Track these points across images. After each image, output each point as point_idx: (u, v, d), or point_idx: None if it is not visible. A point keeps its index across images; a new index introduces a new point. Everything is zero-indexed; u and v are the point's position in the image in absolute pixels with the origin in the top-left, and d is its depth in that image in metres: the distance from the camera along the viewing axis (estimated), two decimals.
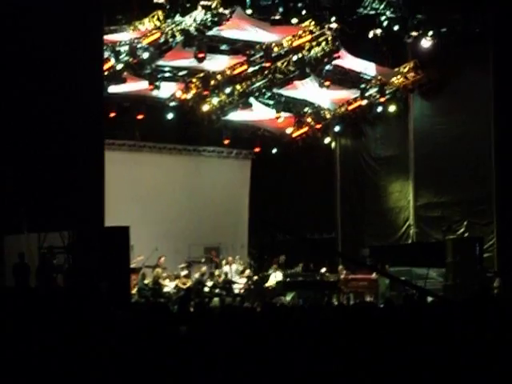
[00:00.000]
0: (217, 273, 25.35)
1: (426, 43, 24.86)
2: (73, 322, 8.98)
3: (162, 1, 21.10)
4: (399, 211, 28.10)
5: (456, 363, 7.24)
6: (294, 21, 23.25)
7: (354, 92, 28.11)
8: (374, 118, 28.85)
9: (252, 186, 31.05)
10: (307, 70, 25.57)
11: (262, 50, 24.71)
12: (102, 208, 17.80)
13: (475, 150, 25.11)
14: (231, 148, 30.87)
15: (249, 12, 22.40)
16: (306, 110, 29.35)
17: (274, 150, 30.93)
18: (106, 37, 20.44)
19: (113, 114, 25.35)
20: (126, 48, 22.62)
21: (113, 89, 23.83)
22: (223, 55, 24.69)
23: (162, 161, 29.07)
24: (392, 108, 28.04)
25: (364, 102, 28.25)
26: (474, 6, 23.79)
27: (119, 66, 22.97)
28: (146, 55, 22.69)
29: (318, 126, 29.60)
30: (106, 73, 21.64)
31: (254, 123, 29.99)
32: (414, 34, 24.35)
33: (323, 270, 25.27)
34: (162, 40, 22.66)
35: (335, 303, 21.41)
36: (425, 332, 8.05)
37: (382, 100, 27.77)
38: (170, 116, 27.34)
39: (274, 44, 24.59)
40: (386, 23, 23.85)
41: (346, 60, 25.81)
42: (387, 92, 27.76)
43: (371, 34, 24.18)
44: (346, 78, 27.26)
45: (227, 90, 26.62)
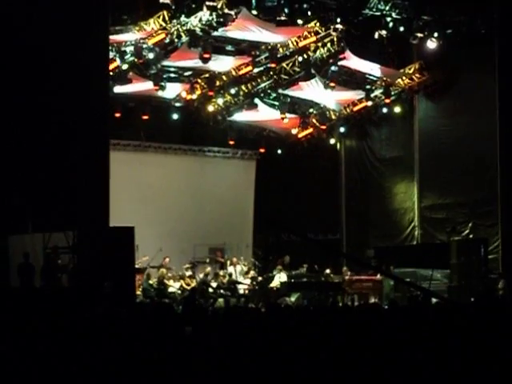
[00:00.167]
0: (221, 273, 25.35)
1: (432, 44, 24.82)
2: (76, 322, 8.99)
3: (167, 1, 21.11)
4: (404, 212, 28.10)
5: (460, 364, 7.24)
6: (300, 22, 23.32)
7: (359, 93, 28.10)
8: (379, 119, 28.86)
9: (257, 187, 31.02)
10: (312, 71, 25.57)
11: (267, 50, 24.72)
12: (106, 208, 17.84)
13: (480, 151, 25.09)
14: (236, 148, 30.85)
15: (254, 13, 22.42)
16: (311, 110, 29.35)
17: (279, 151, 30.93)
18: (111, 37, 20.47)
19: (118, 115, 25.42)
20: (132, 48, 22.67)
21: (118, 89, 23.89)
22: (228, 56, 24.69)
23: (167, 161, 29.06)
24: (397, 109, 28.04)
25: (369, 103, 28.25)
26: (479, 7, 23.80)
27: (125, 67, 23.04)
28: (151, 55, 22.71)
29: (323, 127, 29.59)
30: (111, 73, 21.67)
31: (259, 124, 29.99)
32: (419, 35, 24.32)
33: (328, 270, 25.26)
34: (167, 40, 22.69)
35: (340, 304, 21.40)
36: (429, 333, 8.05)
37: (387, 101, 27.77)
38: (175, 116, 27.41)
39: (279, 45, 24.61)
40: (391, 24, 23.87)
41: (352, 61, 25.79)
42: (392, 93, 27.77)
43: (377, 35, 24.20)
44: (352, 79, 27.27)
45: (232, 91, 26.69)
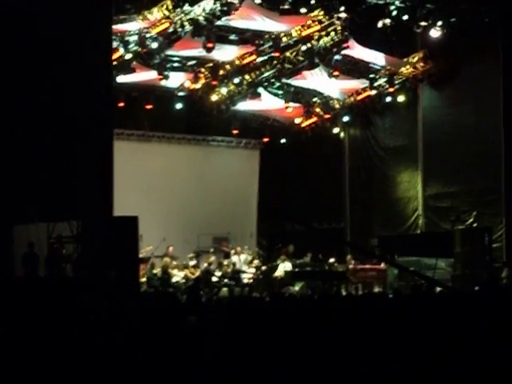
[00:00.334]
0: (225, 263, 25.35)
1: (436, 33, 24.74)
2: (81, 311, 9.01)
3: None
4: (408, 201, 28.07)
5: (464, 353, 7.24)
6: (303, 10, 23.23)
7: (362, 82, 28.01)
8: (382, 108, 28.76)
9: (261, 176, 30.98)
10: (316, 60, 25.50)
11: (270, 39, 24.64)
12: (110, 198, 17.85)
13: (484, 139, 25.04)
14: (240, 138, 30.77)
15: (258, 1, 22.38)
16: (314, 99, 29.28)
17: (283, 140, 30.85)
18: (114, 26, 20.43)
19: (121, 104, 25.39)
20: (135, 38, 22.61)
21: (121, 79, 23.85)
22: (232, 45, 24.64)
23: (170, 151, 29.03)
24: (401, 98, 27.96)
25: (373, 92, 28.18)
26: None
27: (128, 56, 22.98)
28: (154, 45, 22.68)
29: (327, 116, 29.54)
30: (114, 63, 21.63)
31: (263, 113, 29.95)
32: (423, 23, 24.24)
33: (332, 260, 25.25)
34: (170, 30, 22.61)
35: (344, 293, 21.41)
36: (433, 322, 8.06)
37: (390, 90, 27.69)
38: (178, 106, 27.38)
39: (282, 34, 24.53)
40: (395, 13, 23.77)
41: (355, 50, 25.70)
42: (396, 82, 27.67)
43: (380, 24, 24.11)
44: (355, 67, 27.18)
45: (236, 80, 26.65)
